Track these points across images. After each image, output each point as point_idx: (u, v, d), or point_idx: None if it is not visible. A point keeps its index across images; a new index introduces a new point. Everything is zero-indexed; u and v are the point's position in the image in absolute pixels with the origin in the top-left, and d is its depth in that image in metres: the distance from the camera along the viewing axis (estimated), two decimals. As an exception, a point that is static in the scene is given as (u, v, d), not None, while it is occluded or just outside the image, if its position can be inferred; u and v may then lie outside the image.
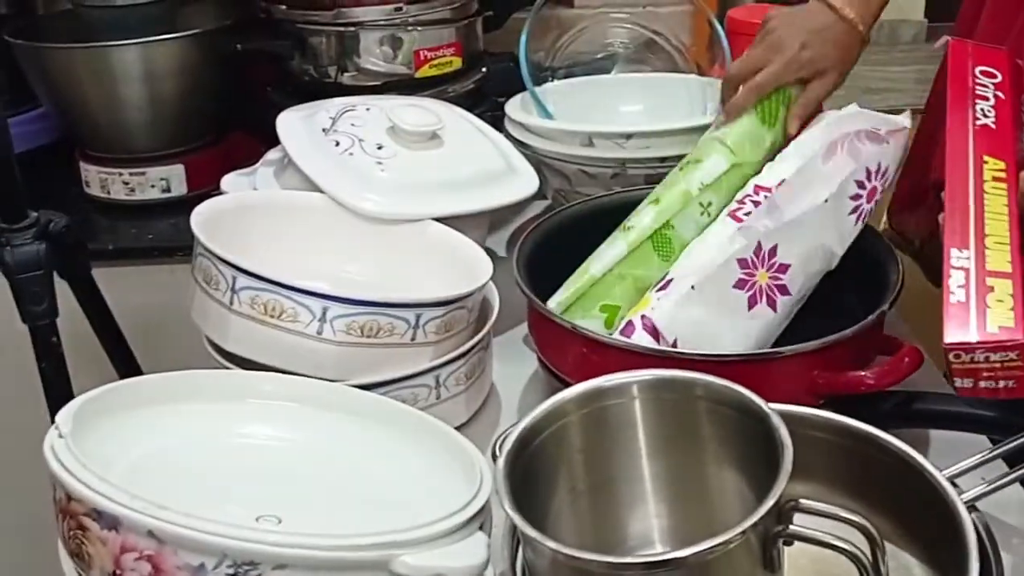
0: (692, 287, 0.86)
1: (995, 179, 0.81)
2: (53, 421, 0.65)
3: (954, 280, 0.75)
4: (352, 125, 1.07)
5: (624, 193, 1.06)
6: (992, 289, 0.74)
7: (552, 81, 1.34)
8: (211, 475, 0.74)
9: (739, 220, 0.89)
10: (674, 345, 0.85)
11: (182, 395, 0.76)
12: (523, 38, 1.25)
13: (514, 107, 1.24)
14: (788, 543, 0.62)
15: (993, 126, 0.85)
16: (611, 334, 0.88)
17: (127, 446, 0.71)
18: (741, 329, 0.87)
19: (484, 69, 1.41)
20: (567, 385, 0.86)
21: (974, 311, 0.73)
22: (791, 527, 0.61)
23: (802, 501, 0.61)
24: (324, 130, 1.07)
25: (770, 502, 0.59)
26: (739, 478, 0.67)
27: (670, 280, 0.88)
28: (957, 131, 0.86)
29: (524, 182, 1.11)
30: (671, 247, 0.93)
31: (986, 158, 0.83)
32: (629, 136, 1.13)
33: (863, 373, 0.83)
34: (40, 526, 0.82)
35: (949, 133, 0.86)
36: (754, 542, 0.60)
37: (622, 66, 1.41)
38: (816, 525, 0.61)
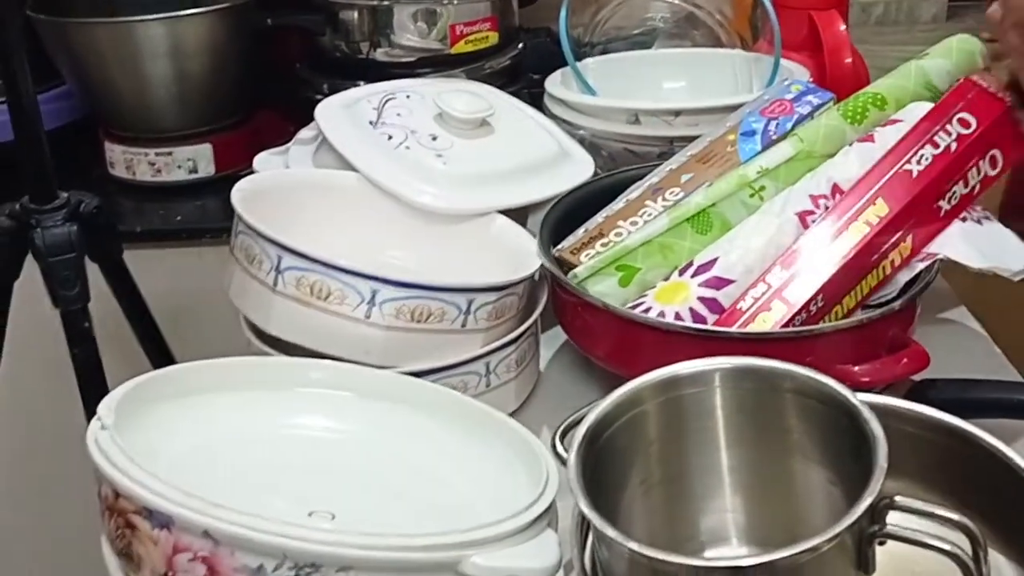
0: None
1: (866, 222, 0.83)
2: (86, 408, 0.62)
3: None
4: (398, 115, 1.01)
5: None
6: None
7: (590, 57, 1.30)
8: (258, 468, 0.70)
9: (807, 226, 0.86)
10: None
11: (228, 383, 0.72)
12: (563, 12, 1.20)
13: (554, 83, 1.20)
14: (882, 543, 0.58)
15: (915, 175, 0.85)
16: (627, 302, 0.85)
17: (170, 438, 0.67)
18: None
19: (521, 45, 1.36)
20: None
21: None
22: (887, 527, 0.57)
23: (897, 499, 0.57)
24: (371, 123, 1.01)
25: (867, 501, 0.55)
26: (824, 473, 0.63)
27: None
28: (885, 166, 0.86)
29: (581, 166, 1.05)
30: (709, 222, 0.89)
31: (879, 200, 0.84)
32: (678, 113, 1.08)
33: (855, 368, 0.78)
34: (77, 519, 0.79)
35: (880, 164, 0.86)
36: (849, 543, 0.56)
37: (663, 41, 1.35)
38: (908, 523, 0.57)
